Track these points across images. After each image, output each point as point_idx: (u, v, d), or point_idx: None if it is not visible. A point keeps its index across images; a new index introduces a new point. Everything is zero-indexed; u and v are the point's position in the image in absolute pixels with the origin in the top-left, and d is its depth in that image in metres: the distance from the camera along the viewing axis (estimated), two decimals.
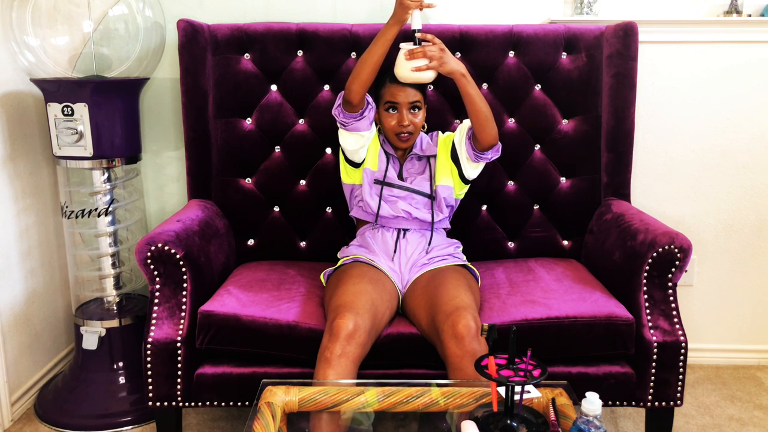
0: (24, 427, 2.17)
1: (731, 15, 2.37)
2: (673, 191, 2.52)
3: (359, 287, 1.82)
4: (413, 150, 2.10)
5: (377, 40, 1.92)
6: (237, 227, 2.29)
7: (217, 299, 1.90)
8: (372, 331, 1.74)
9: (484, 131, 1.94)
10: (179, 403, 1.85)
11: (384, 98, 2.02)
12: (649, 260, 1.85)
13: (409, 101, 1.99)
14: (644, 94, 2.41)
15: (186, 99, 2.21)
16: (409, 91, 1.99)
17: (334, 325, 1.68)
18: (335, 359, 1.63)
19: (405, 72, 1.92)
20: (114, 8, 2.16)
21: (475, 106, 1.92)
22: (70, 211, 2.22)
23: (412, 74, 1.91)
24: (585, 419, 1.24)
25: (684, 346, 1.83)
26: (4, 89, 2.17)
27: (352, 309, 1.71)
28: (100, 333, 2.21)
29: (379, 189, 2.05)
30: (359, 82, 1.90)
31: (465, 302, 1.75)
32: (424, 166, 2.09)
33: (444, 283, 1.85)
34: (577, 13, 2.39)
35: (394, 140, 2.04)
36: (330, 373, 1.63)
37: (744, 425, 2.20)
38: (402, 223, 2.04)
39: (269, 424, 1.40)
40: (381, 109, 2.03)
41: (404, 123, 2.00)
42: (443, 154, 2.08)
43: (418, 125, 2.03)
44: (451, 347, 1.66)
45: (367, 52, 1.92)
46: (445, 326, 1.68)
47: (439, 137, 2.13)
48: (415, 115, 2.01)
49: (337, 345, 1.64)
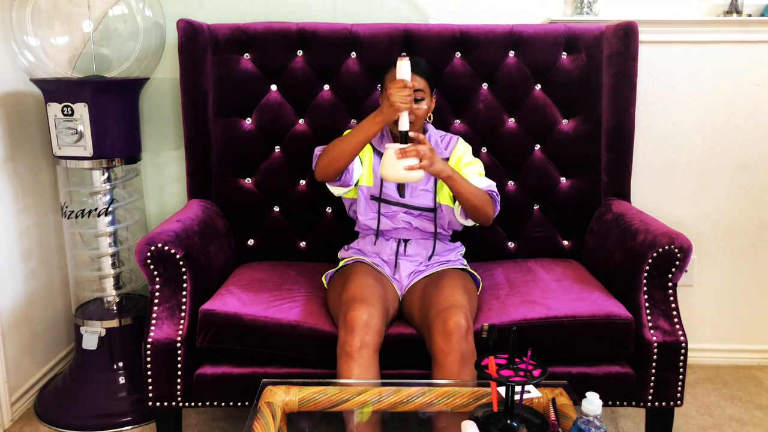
0: (24, 427, 2.17)
1: (731, 15, 2.37)
2: (673, 191, 2.52)
3: (366, 281, 1.83)
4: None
5: (359, 134, 1.83)
6: (237, 227, 2.29)
7: (219, 298, 1.90)
8: (384, 320, 1.74)
9: (479, 219, 1.93)
10: (179, 403, 1.85)
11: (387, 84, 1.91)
12: (649, 260, 1.85)
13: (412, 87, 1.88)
14: (644, 94, 2.41)
15: (186, 99, 2.21)
16: (414, 77, 1.88)
17: (348, 317, 1.67)
18: (356, 352, 1.63)
19: (395, 171, 1.76)
20: (114, 8, 2.16)
21: (467, 203, 1.87)
22: (70, 211, 2.22)
23: (403, 173, 1.76)
24: (585, 419, 1.24)
25: (684, 346, 1.83)
26: (4, 89, 2.17)
27: (362, 300, 1.72)
28: (100, 333, 2.21)
29: (376, 206, 2.00)
30: (334, 169, 1.87)
31: (459, 301, 1.75)
32: (428, 175, 1.96)
33: (441, 283, 1.85)
34: (577, 12, 2.39)
35: (393, 128, 1.94)
36: (354, 366, 1.62)
37: (744, 425, 2.20)
38: (403, 234, 2.01)
39: (269, 424, 1.40)
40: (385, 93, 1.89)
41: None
42: (455, 166, 1.97)
43: (421, 116, 1.93)
44: (439, 342, 1.66)
45: (346, 144, 1.85)
46: (436, 322, 1.68)
47: (455, 151, 2.01)
48: (417, 105, 1.91)
49: (356, 337, 1.64)
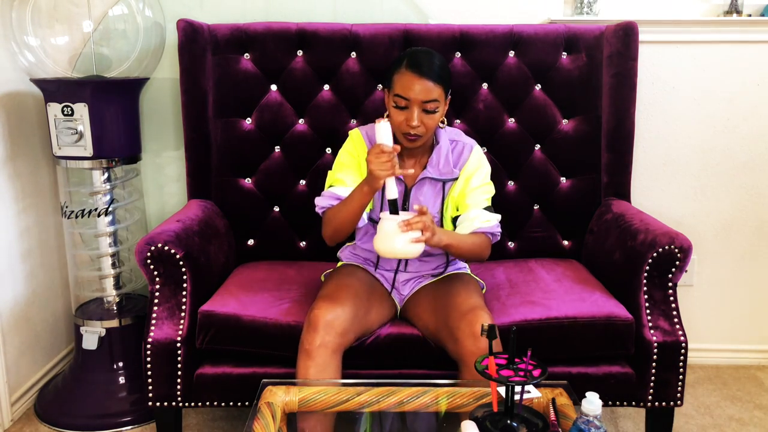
0: (24, 427, 2.17)
1: (731, 15, 2.37)
2: (673, 191, 2.52)
3: (345, 281, 1.81)
4: (426, 168, 1.81)
5: (353, 204, 1.70)
6: (237, 227, 2.29)
7: (218, 299, 1.90)
8: (355, 322, 1.70)
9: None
10: (179, 403, 1.85)
11: (394, 88, 1.70)
12: (649, 260, 1.85)
13: (422, 99, 1.67)
14: (644, 94, 2.41)
15: (186, 99, 2.21)
16: (426, 84, 1.66)
17: (311, 316, 1.67)
18: (314, 350, 1.61)
19: (395, 246, 1.59)
20: (114, 8, 2.16)
21: (462, 258, 1.89)
22: (70, 211, 2.22)
23: (405, 248, 1.60)
24: (585, 419, 1.24)
25: (684, 346, 1.83)
26: (4, 89, 2.17)
27: (330, 299, 1.70)
28: (100, 333, 2.21)
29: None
30: (343, 236, 1.79)
31: (479, 303, 1.74)
32: (437, 191, 1.81)
33: (453, 287, 1.82)
34: (577, 12, 2.39)
35: (399, 137, 1.75)
36: (310, 365, 1.61)
37: (744, 425, 2.20)
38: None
39: (269, 424, 1.40)
40: (390, 96, 1.73)
41: (413, 123, 1.69)
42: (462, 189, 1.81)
43: (432, 127, 1.72)
44: (468, 345, 1.63)
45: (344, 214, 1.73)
46: (462, 324, 1.65)
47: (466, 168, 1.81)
48: (429, 117, 1.70)
49: (316, 335, 1.62)
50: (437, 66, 1.70)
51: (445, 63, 1.75)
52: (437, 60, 1.72)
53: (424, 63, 1.68)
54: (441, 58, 1.75)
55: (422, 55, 1.71)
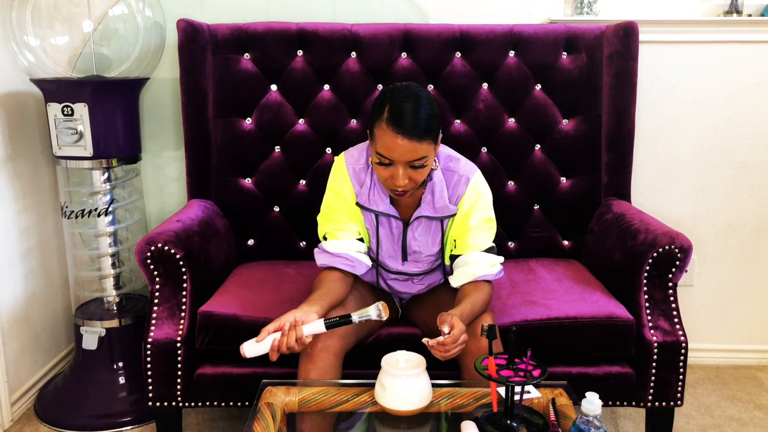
0: (24, 427, 2.17)
1: (731, 15, 2.37)
2: (673, 191, 2.52)
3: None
4: (421, 206, 1.67)
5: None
6: (237, 227, 2.29)
7: (217, 299, 1.90)
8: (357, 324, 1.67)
9: None
10: (179, 403, 1.85)
11: (376, 144, 1.51)
12: (649, 260, 1.85)
13: (407, 160, 1.49)
14: (644, 94, 2.41)
15: (186, 99, 2.21)
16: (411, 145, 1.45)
17: None
18: (316, 353, 1.61)
19: (407, 402, 1.44)
20: (114, 8, 2.16)
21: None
22: (70, 211, 2.22)
23: (417, 402, 1.44)
24: (585, 419, 1.24)
25: (684, 346, 1.83)
26: (4, 89, 2.17)
27: None
28: (100, 333, 2.21)
29: (374, 272, 1.81)
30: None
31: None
32: (435, 230, 1.71)
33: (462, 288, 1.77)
34: (578, 12, 2.39)
35: (386, 190, 1.64)
36: (311, 368, 1.60)
37: (744, 425, 2.20)
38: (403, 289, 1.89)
39: (269, 424, 1.40)
40: (372, 147, 1.55)
41: (398, 183, 1.52)
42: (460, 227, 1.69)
43: (421, 179, 1.55)
44: (468, 345, 1.58)
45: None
46: (474, 326, 1.63)
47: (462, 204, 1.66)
48: (417, 172, 1.52)
49: (317, 339, 1.61)
50: (423, 119, 1.48)
51: (432, 108, 1.51)
52: (423, 110, 1.49)
53: (407, 118, 1.46)
54: (427, 101, 1.51)
55: (406, 105, 1.48)
